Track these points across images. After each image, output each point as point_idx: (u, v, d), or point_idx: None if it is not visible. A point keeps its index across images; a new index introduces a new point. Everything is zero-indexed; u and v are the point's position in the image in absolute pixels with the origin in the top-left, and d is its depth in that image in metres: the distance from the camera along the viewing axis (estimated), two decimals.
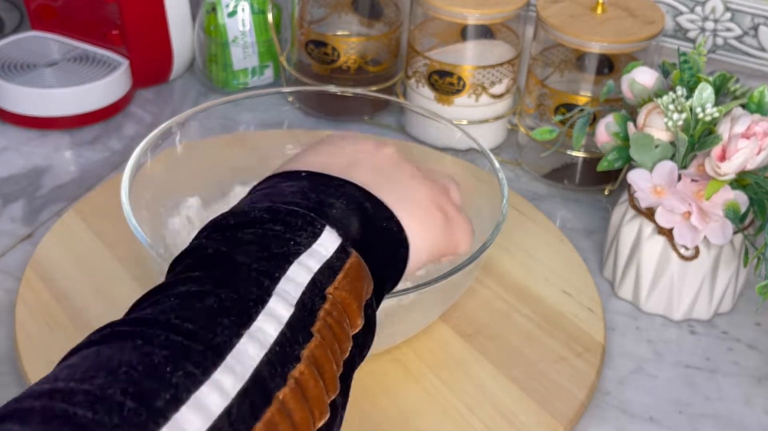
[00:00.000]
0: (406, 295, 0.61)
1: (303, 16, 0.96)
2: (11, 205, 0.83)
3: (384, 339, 0.66)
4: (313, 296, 0.42)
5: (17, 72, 0.94)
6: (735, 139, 0.65)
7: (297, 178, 0.49)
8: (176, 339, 0.36)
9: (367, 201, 0.49)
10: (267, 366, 0.37)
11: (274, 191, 0.48)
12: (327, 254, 0.44)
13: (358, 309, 0.44)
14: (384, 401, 0.64)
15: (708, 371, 0.70)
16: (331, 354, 0.41)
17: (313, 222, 0.45)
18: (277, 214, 0.45)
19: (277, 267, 0.42)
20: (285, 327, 0.39)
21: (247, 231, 0.44)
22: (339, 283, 0.43)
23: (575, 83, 0.87)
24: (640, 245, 0.73)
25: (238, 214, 0.45)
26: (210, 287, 0.40)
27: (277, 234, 0.44)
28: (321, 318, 0.41)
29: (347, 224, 0.47)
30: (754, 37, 0.91)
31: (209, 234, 0.45)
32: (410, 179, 0.54)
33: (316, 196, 0.47)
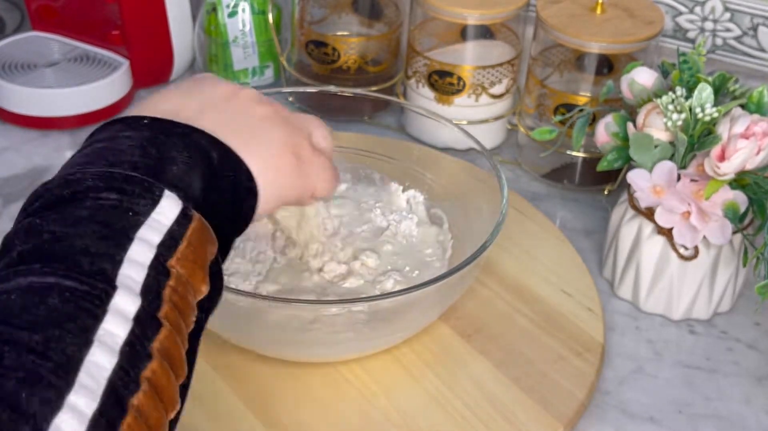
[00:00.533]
0: (405, 295, 0.61)
1: (303, 16, 0.96)
2: (11, 205, 0.84)
3: (384, 338, 0.67)
4: (157, 275, 0.40)
5: (18, 72, 0.94)
6: (734, 139, 0.65)
7: (139, 127, 0.46)
8: (27, 358, 0.34)
9: (214, 149, 0.46)
10: (119, 373, 0.36)
11: (111, 146, 0.45)
12: (167, 222, 0.42)
13: (203, 276, 0.43)
14: (384, 401, 0.65)
15: (707, 371, 0.71)
16: (178, 336, 0.40)
17: (151, 188, 0.42)
18: (112, 181, 0.42)
19: (118, 247, 0.40)
20: (133, 324, 0.38)
21: (81, 205, 0.41)
22: (181, 253, 0.41)
23: (575, 83, 0.87)
24: (639, 245, 0.73)
25: (70, 182, 0.42)
26: (53, 281, 0.37)
27: (114, 204, 0.41)
28: (167, 299, 0.40)
29: (189, 182, 0.44)
30: (753, 38, 0.91)
31: (41, 209, 0.41)
32: (263, 121, 0.51)
33: (156, 151, 0.44)
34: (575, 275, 0.76)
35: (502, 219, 0.66)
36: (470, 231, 0.72)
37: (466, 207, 0.75)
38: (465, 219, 0.75)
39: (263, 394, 0.65)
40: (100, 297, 0.38)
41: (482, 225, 0.69)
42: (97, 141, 0.46)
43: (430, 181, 0.79)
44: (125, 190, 0.42)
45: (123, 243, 0.40)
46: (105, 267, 0.39)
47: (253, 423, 0.62)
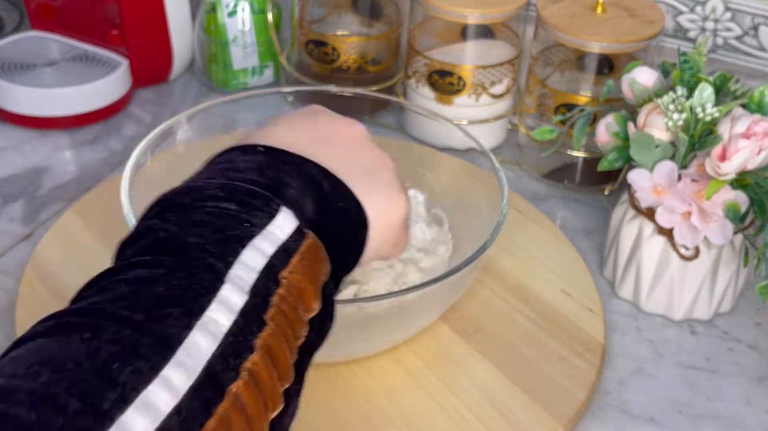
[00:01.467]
0: (405, 295, 0.61)
1: (303, 15, 0.96)
2: (11, 205, 0.83)
3: (384, 339, 0.66)
4: (267, 281, 0.40)
5: (17, 72, 0.94)
6: (735, 139, 0.65)
7: (254, 153, 0.47)
8: (125, 332, 0.35)
9: (324, 179, 0.47)
10: (219, 359, 0.36)
11: (230, 166, 0.46)
12: (282, 236, 0.43)
13: (314, 293, 0.43)
14: (384, 401, 0.64)
15: (708, 371, 0.70)
16: (285, 341, 0.40)
17: (269, 203, 0.43)
18: (232, 192, 0.43)
19: (231, 251, 0.40)
20: (238, 316, 0.38)
21: (201, 211, 0.42)
22: (294, 267, 0.42)
23: (575, 83, 0.87)
24: (640, 245, 0.73)
25: (192, 190, 0.44)
26: (161, 273, 0.38)
27: (232, 214, 0.42)
28: (275, 305, 0.40)
29: (303, 204, 0.45)
30: (754, 37, 0.91)
31: (161, 213, 0.43)
32: (379, 167, 0.52)
33: (272, 174, 0.46)
34: (576, 275, 0.76)
35: (502, 220, 0.66)
36: (470, 232, 0.72)
37: (466, 207, 0.75)
38: (465, 220, 0.75)
39: None
40: (208, 287, 0.38)
41: (482, 225, 0.69)
42: (216, 163, 0.47)
43: (430, 181, 0.79)
44: (245, 201, 0.43)
45: (236, 248, 0.41)
46: (215, 264, 0.39)
47: None
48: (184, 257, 0.39)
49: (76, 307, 0.37)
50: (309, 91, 0.91)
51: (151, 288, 0.37)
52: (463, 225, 0.75)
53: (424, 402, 0.64)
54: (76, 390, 0.32)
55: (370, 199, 0.49)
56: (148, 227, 0.42)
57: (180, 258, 0.39)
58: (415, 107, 0.87)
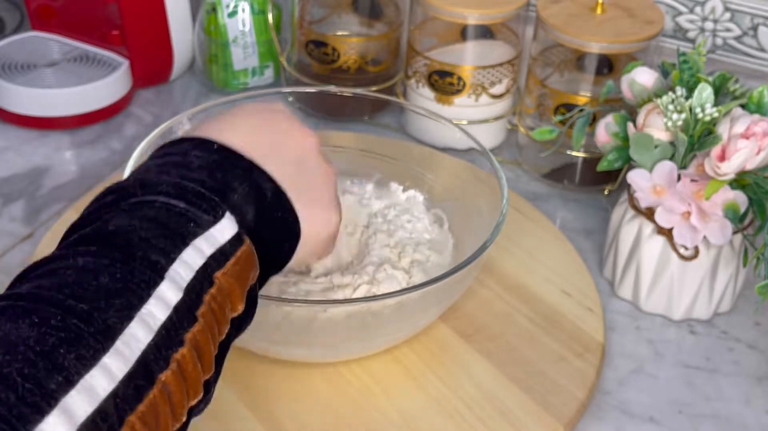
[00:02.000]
0: (405, 295, 0.61)
1: (303, 16, 0.96)
2: (11, 205, 0.84)
3: (384, 338, 0.66)
4: (202, 280, 0.44)
5: (17, 72, 0.94)
6: (734, 139, 0.65)
7: (208, 150, 0.50)
8: (71, 321, 0.38)
9: (269, 189, 0.50)
10: (153, 349, 0.39)
11: (182, 162, 0.49)
12: (222, 240, 0.46)
13: (241, 295, 0.46)
14: (384, 401, 0.64)
15: (708, 371, 0.70)
16: (210, 337, 0.43)
17: (215, 207, 0.46)
18: (184, 191, 0.46)
19: (174, 248, 0.43)
20: (172, 311, 0.41)
21: (151, 206, 0.45)
22: (228, 269, 0.45)
23: (575, 83, 0.87)
24: (639, 245, 0.73)
25: (145, 184, 0.46)
26: (105, 263, 0.41)
27: (180, 212, 0.45)
28: (206, 302, 0.43)
29: (245, 211, 0.48)
30: (753, 38, 0.91)
31: (113, 203, 0.46)
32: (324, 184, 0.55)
33: (221, 177, 0.48)
34: (575, 275, 0.76)
35: (502, 220, 0.66)
36: (470, 232, 0.72)
37: (466, 207, 0.75)
38: (465, 220, 0.75)
39: (263, 394, 0.64)
40: (148, 283, 0.41)
41: (482, 225, 0.69)
42: (169, 154, 0.50)
43: (430, 181, 0.79)
44: (193, 202, 0.46)
45: (179, 245, 0.44)
46: (158, 260, 0.42)
47: (253, 424, 0.62)
48: (129, 251, 0.42)
49: (26, 290, 0.40)
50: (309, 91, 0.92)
51: (97, 278, 0.40)
52: (463, 225, 0.75)
53: (424, 402, 0.64)
54: (26, 371, 0.35)
55: (306, 213, 0.52)
56: (98, 216, 0.45)
57: (125, 252, 0.42)
58: (414, 107, 0.87)
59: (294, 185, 0.52)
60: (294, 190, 0.52)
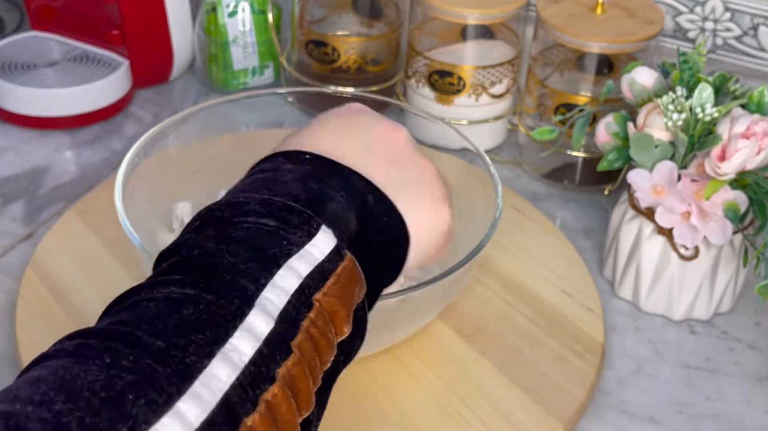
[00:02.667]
0: (404, 295, 0.61)
1: (303, 16, 0.96)
2: (11, 205, 0.83)
3: (383, 338, 0.66)
4: (298, 304, 0.40)
5: (17, 72, 0.94)
6: (735, 139, 0.65)
7: (300, 161, 0.47)
8: (144, 362, 0.34)
9: (369, 193, 0.47)
10: (237, 390, 0.35)
11: (274, 176, 0.46)
12: (320, 256, 0.42)
13: (346, 316, 0.43)
14: (384, 401, 0.64)
15: (708, 371, 0.70)
16: (309, 370, 0.39)
17: (308, 221, 0.43)
18: (272, 208, 0.43)
19: (265, 270, 0.40)
20: (262, 345, 0.38)
21: (239, 227, 0.42)
22: (328, 289, 0.42)
23: (575, 83, 0.87)
24: (639, 245, 0.73)
25: (233, 205, 0.43)
26: (191, 294, 0.38)
27: (271, 230, 0.42)
28: (304, 330, 0.40)
29: (345, 221, 0.45)
30: (753, 37, 0.91)
31: (201, 227, 0.43)
32: (423, 178, 0.51)
33: (317, 187, 0.45)
34: (575, 275, 0.76)
35: (497, 218, 0.66)
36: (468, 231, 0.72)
37: (463, 206, 0.75)
38: (463, 219, 0.75)
39: None
40: (235, 313, 0.38)
41: (480, 224, 0.69)
42: (260, 171, 0.47)
43: None
44: (284, 218, 0.43)
45: (271, 268, 0.40)
46: (247, 286, 0.39)
47: None
48: (216, 278, 0.39)
49: (101, 327, 0.37)
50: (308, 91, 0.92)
51: (179, 310, 0.37)
52: (460, 224, 0.75)
53: (424, 402, 0.64)
54: (87, 420, 0.32)
55: (413, 213, 0.49)
56: (186, 241, 0.42)
57: (212, 279, 0.39)
58: (412, 108, 0.87)
59: (394, 184, 0.48)
60: (394, 189, 0.48)
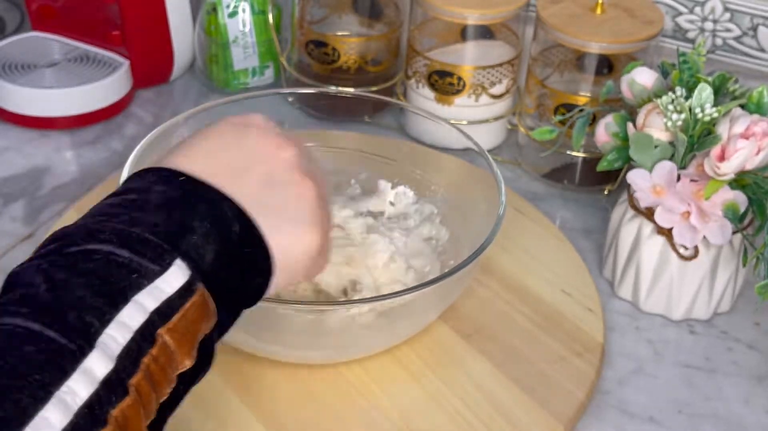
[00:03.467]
0: (405, 295, 0.61)
1: (303, 16, 0.96)
2: (11, 205, 0.84)
3: (384, 339, 0.67)
4: (141, 341, 0.40)
5: (18, 72, 0.94)
6: (734, 139, 0.65)
7: (173, 184, 0.46)
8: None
9: (238, 223, 0.46)
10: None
11: (139, 201, 0.45)
12: (170, 291, 0.42)
13: (189, 350, 0.43)
14: (384, 401, 0.65)
15: (707, 371, 0.71)
16: (143, 406, 0.40)
17: (162, 255, 0.43)
18: (129, 239, 0.43)
19: (111, 306, 0.40)
20: (99, 386, 0.38)
21: (92, 257, 0.41)
22: (174, 325, 0.42)
23: (575, 83, 0.87)
24: (639, 245, 0.73)
25: (90, 232, 0.43)
26: (35, 329, 0.38)
27: (123, 263, 0.42)
28: (144, 367, 0.40)
29: (203, 254, 0.44)
30: (753, 38, 0.91)
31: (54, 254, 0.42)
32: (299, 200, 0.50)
33: (179, 216, 0.45)
34: (575, 275, 0.76)
35: (500, 218, 0.66)
36: (469, 231, 0.72)
37: (465, 207, 0.75)
38: (464, 220, 0.75)
39: (264, 394, 0.65)
40: (75, 353, 0.38)
41: (481, 224, 0.69)
42: (129, 191, 0.46)
43: (428, 181, 0.79)
44: (138, 251, 0.42)
45: (117, 303, 0.40)
46: (91, 323, 0.39)
47: (253, 424, 0.62)
48: (60, 313, 0.39)
49: None
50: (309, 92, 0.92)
51: (22, 347, 0.37)
52: (462, 225, 0.75)
53: (424, 402, 0.65)
54: None
55: (279, 238, 0.48)
56: (37, 268, 0.41)
57: (56, 316, 0.39)
58: (412, 108, 0.87)
59: (262, 208, 0.48)
60: (263, 213, 0.47)
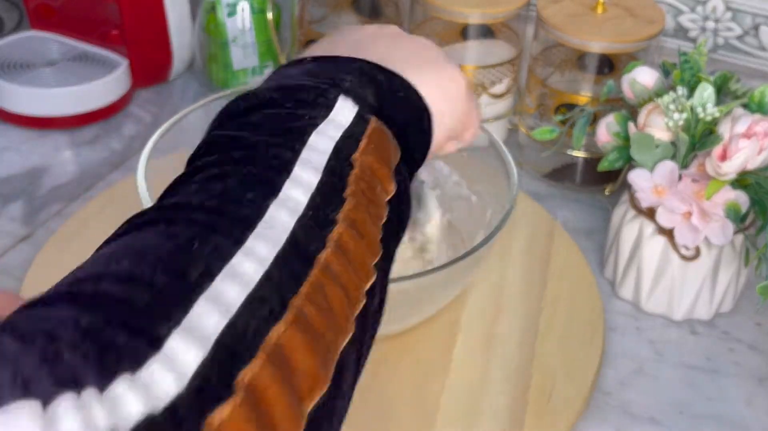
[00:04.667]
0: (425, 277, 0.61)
1: (303, 15, 0.95)
2: (11, 205, 0.83)
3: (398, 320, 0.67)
4: (339, 162, 0.39)
5: (17, 71, 0.94)
6: (736, 138, 0.64)
7: (302, 64, 0.46)
8: (200, 217, 0.34)
9: (380, 73, 0.46)
10: (302, 230, 0.35)
11: (281, 76, 0.46)
12: (346, 122, 0.41)
13: (389, 174, 0.42)
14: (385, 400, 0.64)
15: (709, 371, 0.70)
16: (368, 216, 0.39)
17: (325, 94, 0.42)
18: (287, 91, 0.43)
19: (297, 140, 0.39)
20: (315, 192, 0.37)
21: (259, 114, 0.41)
22: (364, 149, 0.41)
23: (576, 83, 0.87)
24: (640, 245, 0.73)
25: (246, 97, 0.43)
26: (229, 167, 0.38)
27: (290, 111, 0.41)
28: (352, 183, 0.39)
29: (362, 94, 0.44)
30: (754, 37, 0.91)
31: (221, 123, 0.43)
32: (424, 48, 0.51)
33: (326, 74, 0.44)
34: (576, 275, 0.76)
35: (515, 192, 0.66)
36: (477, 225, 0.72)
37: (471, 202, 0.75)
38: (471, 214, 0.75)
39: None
40: (280, 170, 0.37)
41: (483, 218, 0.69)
42: (268, 79, 0.46)
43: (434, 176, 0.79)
44: (300, 99, 0.42)
45: (301, 137, 0.40)
46: (284, 153, 0.38)
47: None
48: (251, 150, 0.38)
49: (149, 208, 0.36)
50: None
51: (223, 181, 0.37)
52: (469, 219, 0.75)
53: (422, 400, 0.64)
54: (160, 268, 0.31)
55: (425, 81, 0.48)
56: (210, 137, 0.42)
57: (246, 153, 0.38)
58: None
59: (398, 62, 0.47)
60: (400, 65, 0.47)
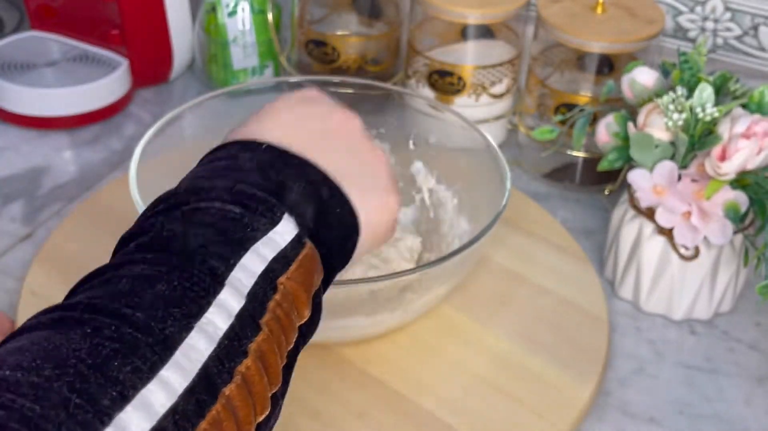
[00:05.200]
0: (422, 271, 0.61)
1: (303, 15, 0.95)
2: (11, 205, 0.83)
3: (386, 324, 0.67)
4: (264, 286, 0.41)
5: (17, 72, 0.94)
6: (735, 138, 0.65)
7: (258, 151, 0.47)
8: (126, 331, 0.35)
9: (324, 186, 0.47)
10: (215, 362, 0.37)
11: (233, 165, 0.46)
12: (283, 243, 0.43)
13: (307, 300, 0.44)
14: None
15: (708, 371, 0.70)
16: (277, 347, 0.41)
17: (272, 209, 0.44)
18: (238, 195, 0.44)
19: (233, 253, 0.41)
20: (235, 320, 0.39)
21: (206, 212, 0.43)
22: (291, 274, 0.43)
23: (575, 83, 0.87)
24: (640, 245, 0.73)
25: (199, 190, 0.44)
26: (163, 271, 0.39)
27: (235, 217, 0.43)
28: (270, 310, 0.41)
29: (304, 212, 0.46)
30: (754, 37, 0.91)
31: (166, 211, 0.43)
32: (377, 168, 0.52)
33: (275, 176, 0.46)
34: (576, 275, 0.76)
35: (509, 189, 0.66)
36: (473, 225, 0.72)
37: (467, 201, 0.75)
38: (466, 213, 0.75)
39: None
40: (208, 290, 0.39)
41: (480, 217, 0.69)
42: (218, 159, 0.47)
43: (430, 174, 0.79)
44: (249, 206, 0.43)
45: (238, 251, 0.41)
46: (217, 266, 0.40)
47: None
48: (186, 257, 0.40)
49: (77, 301, 0.37)
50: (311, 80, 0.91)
51: (153, 286, 0.38)
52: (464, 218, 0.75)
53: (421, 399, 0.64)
54: (77, 385, 0.32)
55: (365, 207, 0.50)
56: (152, 224, 0.42)
57: (182, 258, 0.40)
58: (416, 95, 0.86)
59: (348, 175, 0.49)
60: (348, 180, 0.49)
